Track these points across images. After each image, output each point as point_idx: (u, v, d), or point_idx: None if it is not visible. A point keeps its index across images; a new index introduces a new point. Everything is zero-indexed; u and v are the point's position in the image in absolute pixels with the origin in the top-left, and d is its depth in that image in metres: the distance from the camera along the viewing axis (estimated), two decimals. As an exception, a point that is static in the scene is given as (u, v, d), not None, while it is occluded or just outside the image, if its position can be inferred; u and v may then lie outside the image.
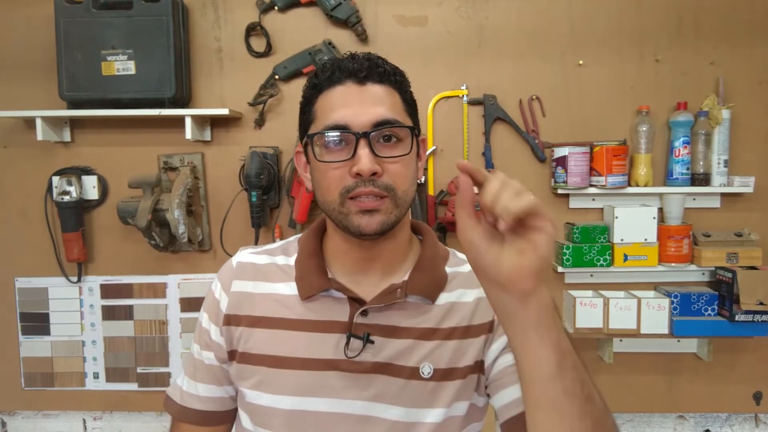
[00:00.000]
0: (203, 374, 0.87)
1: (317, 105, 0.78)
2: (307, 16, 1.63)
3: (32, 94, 1.65)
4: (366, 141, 0.73)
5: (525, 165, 1.65)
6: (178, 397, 0.89)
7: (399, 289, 0.80)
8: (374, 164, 0.72)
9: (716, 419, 1.74)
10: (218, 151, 1.67)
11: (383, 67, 0.78)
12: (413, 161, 0.79)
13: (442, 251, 0.89)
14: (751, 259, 1.56)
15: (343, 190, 0.74)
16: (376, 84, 0.77)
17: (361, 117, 0.74)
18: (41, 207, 1.67)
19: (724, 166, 1.59)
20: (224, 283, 0.86)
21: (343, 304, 0.80)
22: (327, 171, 0.75)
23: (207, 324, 0.86)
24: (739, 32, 1.61)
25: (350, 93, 0.76)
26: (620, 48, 1.62)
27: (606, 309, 1.55)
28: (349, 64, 0.77)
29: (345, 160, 0.74)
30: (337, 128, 0.74)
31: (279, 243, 0.92)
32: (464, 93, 1.64)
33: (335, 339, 0.79)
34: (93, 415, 1.77)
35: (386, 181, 0.74)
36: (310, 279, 0.82)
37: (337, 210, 0.75)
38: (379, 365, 0.79)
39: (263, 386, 0.80)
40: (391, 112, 0.76)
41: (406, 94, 0.81)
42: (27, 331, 1.72)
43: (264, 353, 0.81)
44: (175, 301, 1.70)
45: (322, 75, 0.78)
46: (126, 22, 1.53)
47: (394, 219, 0.75)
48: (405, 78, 0.82)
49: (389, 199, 0.74)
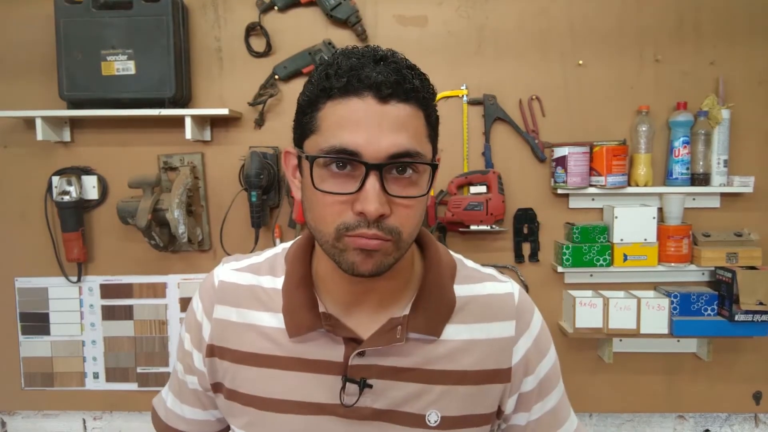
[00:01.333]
0: (188, 397, 0.83)
1: (323, 113, 0.64)
2: (307, 16, 1.63)
3: (32, 94, 1.65)
4: (377, 175, 0.61)
5: (525, 165, 1.65)
6: (162, 413, 0.85)
7: (399, 326, 0.71)
8: (383, 205, 0.61)
9: (716, 419, 1.74)
10: (218, 151, 1.67)
11: (411, 83, 0.63)
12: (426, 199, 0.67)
13: (448, 266, 0.78)
14: (750, 259, 1.56)
15: (341, 227, 0.63)
16: (401, 103, 0.63)
17: (377, 144, 0.61)
18: (41, 207, 1.67)
19: (724, 166, 1.59)
20: (206, 305, 0.79)
21: (337, 341, 0.72)
22: (324, 201, 0.64)
23: (189, 347, 0.81)
24: (739, 32, 1.61)
25: (367, 112, 0.62)
26: (620, 48, 1.62)
27: (606, 309, 1.55)
28: (371, 73, 0.62)
29: (349, 193, 0.62)
30: (345, 154, 0.62)
31: (266, 255, 0.82)
32: (464, 93, 1.64)
33: (330, 381, 0.71)
34: (93, 415, 1.77)
35: (393, 224, 0.63)
36: (299, 315, 0.72)
37: (331, 244, 0.65)
38: (380, 412, 0.71)
39: (254, 428, 0.74)
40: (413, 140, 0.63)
41: (431, 114, 0.68)
42: (27, 331, 1.72)
43: (253, 394, 0.74)
44: (175, 301, 1.70)
45: (336, 80, 0.63)
46: (126, 22, 1.53)
47: (392, 261, 0.65)
48: (434, 92, 0.69)
49: (392, 242, 0.64)
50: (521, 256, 1.66)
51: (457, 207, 1.58)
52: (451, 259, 0.80)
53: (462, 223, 1.59)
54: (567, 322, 1.63)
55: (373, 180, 0.61)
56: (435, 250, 0.78)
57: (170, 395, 0.86)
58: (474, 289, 0.77)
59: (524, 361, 0.76)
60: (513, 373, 0.75)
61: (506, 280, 0.80)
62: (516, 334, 0.76)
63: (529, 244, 1.66)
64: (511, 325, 0.76)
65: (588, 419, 1.74)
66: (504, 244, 1.67)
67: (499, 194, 1.59)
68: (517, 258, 1.67)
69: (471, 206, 1.58)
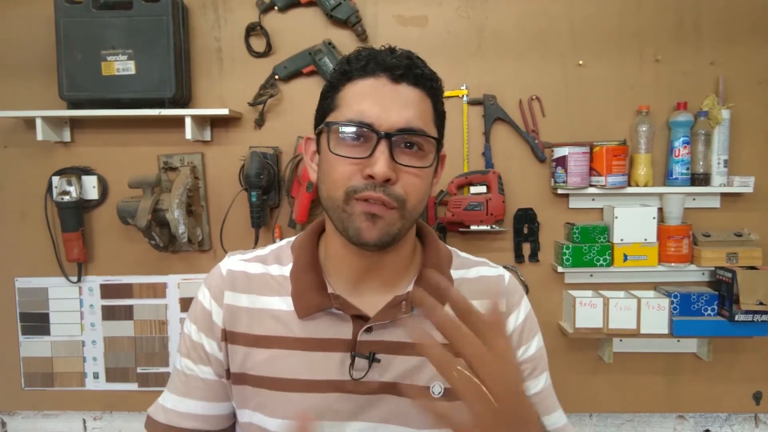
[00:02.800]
0: (196, 390, 0.81)
1: (343, 93, 0.73)
2: (307, 16, 1.63)
3: (32, 94, 1.65)
4: (387, 143, 0.68)
5: (525, 165, 1.65)
6: (161, 416, 0.82)
7: (403, 301, 0.76)
8: (390, 170, 0.68)
9: (716, 419, 1.74)
10: (218, 151, 1.67)
11: (422, 70, 0.72)
12: (431, 175, 0.74)
13: (445, 254, 0.85)
14: (751, 259, 1.56)
15: (350, 189, 0.69)
16: (411, 86, 0.71)
17: (388, 117, 0.69)
18: (41, 207, 1.67)
19: (724, 166, 1.59)
20: (214, 293, 0.80)
21: (345, 320, 0.76)
22: (338, 165, 0.70)
23: (198, 337, 0.81)
24: (739, 32, 1.61)
25: (382, 89, 0.70)
26: (620, 48, 1.62)
27: (606, 309, 1.55)
28: (386, 57, 0.71)
29: (360, 158, 0.69)
30: (360, 123, 0.69)
31: (270, 248, 0.86)
32: (464, 93, 1.64)
33: (338, 358, 0.75)
34: (93, 415, 1.77)
35: (398, 190, 0.69)
36: (308, 296, 0.76)
37: (341, 208, 0.70)
38: (387, 385, 0.75)
39: (265, 409, 0.76)
40: (420, 120, 0.71)
41: (438, 103, 0.76)
42: (27, 331, 1.72)
43: (263, 375, 0.76)
44: (175, 301, 1.70)
45: (356, 63, 0.72)
46: (126, 22, 1.53)
47: (396, 231, 0.70)
48: (441, 86, 0.77)
49: (397, 210, 0.70)
50: (521, 256, 1.66)
51: (457, 207, 1.58)
52: (448, 250, 0.87)
53: (462, 223, 1.60)
54: (567, 322, 1.63)
55: (383, 147, 0.68)
56: (434, 239, 0.85)
57: (170, 397, 0.84)
58: (468, 273, 0.84)
59: (515, 335, 0.82)
60: None
61: (497, 266, 0.87)
62: (507, 309, 0.82)
63: (529, 244, 1.66)
64: (502, 302, 0.82)
65: (588, 419, 1.74)
66: (504, 244, 1.67)
67: (499, 194, 1.59)
68: (517, 258, 1.67)
69: (471, 206, 1.58)
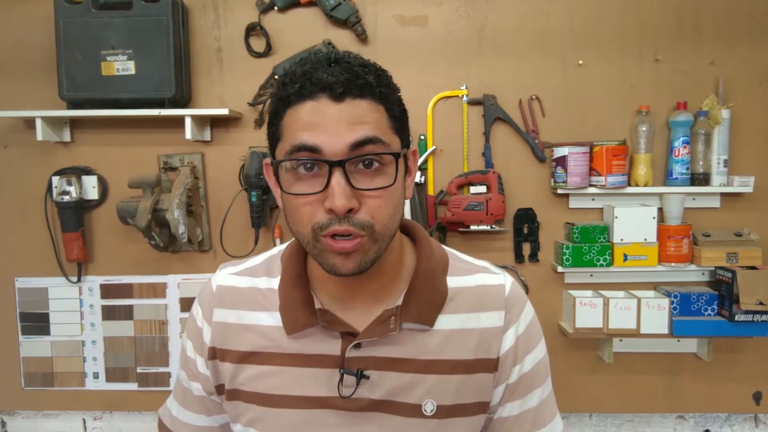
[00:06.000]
0: (192, 403, 0.84)
1: (285, 121, 0.66)
2: (307, 16, 1.63)
3: (32, 94, 1.65)
4: (341, 171, 0.62)
5: (525, 165, 1.65)
6: (168, 421, 0.87)
7: (393, 316, 0.72)
8: (350, 199, 0.62)
9: (716, 419, 1.74)
10: (218, 151, 1.67)
11: (364, 78, 0.64)
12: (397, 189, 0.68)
13: (441, 259, 0.79)
14: (750, 259, 1.56)
15: (315, 226, 0.64)
16: (357, 99, 0.64)
17: (336, 139, 0.62)
18: (41, 207, 1.67)
19: (724, 166, 1.59)
20: (205, 310, 0.81)
21: (334, 336, 0.74)
22: (297, 204, 0.65)
23: (192, 353, 0.82)
24: (739, 32, 1.61)
25: (323, 111, 0.63)
26: (620, 48, 1.62)
27: (606, 309, 1.55)
28: (322, 75, 0.63)
29: (316, 192, 0.64)
30: (305, 149, 0.63)
31: (263, 257, 0.84)
32: (464, 93, 1.64)
33: (327, 375, 0.73)
34: (93, 415, 1.77)
35: (363, 217, 0.64)
36: (295, 313, 0.74)
37: (311, 245, 0.66)
38: (378, 403, 0.73)
39: (257, 425, 0.76)
40: (373, 133, 0.64)
41: (392, 108, 0.68)
42: (27, 331, 1.72)
43: (254, 391, 0.76)
44: (175, 301, 1.70)
45: (291, 86, 0.65)
46: (126, 22, 1.53)
47: (373, 256, 0.67)
48: (392, 87, 0.69)
49: (367, 237, 0.65)
50: (521, 256, 1.66)
51: (457, 207, 1.58)
52: (444, 253, 0.81)
53: (462, 223, 1.60)
54: (567, 322, 1.63)
55: (338, 176, 0.62)
56: (428, 244, 0.79)
57: (175, 404, 0.87)
58: (466, 281, 0.78)
59: (512, 351, 0.77)
60: (500, 363, 0.76)
61: (499, 272, 0.81)
62: (505, 325, 0.77)
63: (529, 244, 1.66)
64: (500, 316, 0.77)
65: (588, 419, 1.74)
66: (504, 244, 1.67)
67: (499, 194, 1.59)
68: (517, 258, 1.67)
69: (471, 206, 1.58)
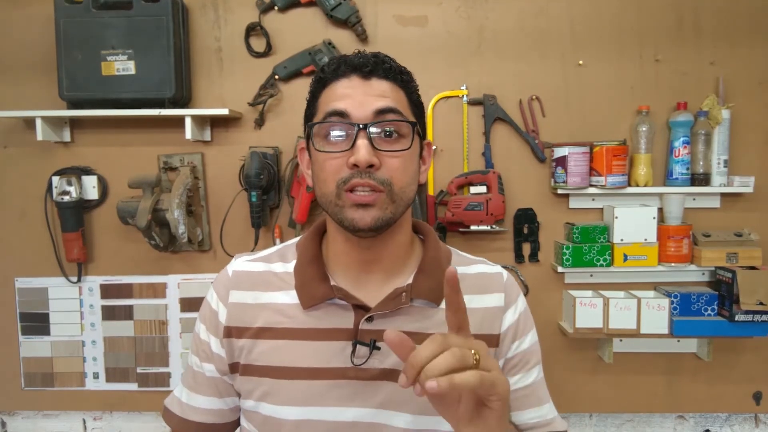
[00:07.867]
0: (204, 386, 0.86)
1: (321, 99, 0.79)
2: (307, 16, 1.63)
3: (32, 94, 1.65)
4: (365, 133, 0.73)
5: (525, 165, 1.65)
6: (177, 409, 0.88)
7: (404, 293, 0.79)
8: (372, 156, 0.72)
9: (716, 419, 1.74)
10: (218, 151, 1.67)
11: (389, 64, 0.78)
12: (414, 158, 0.78)
13: (445, 251, 0.88)
14: (751, 259, 1.56)
15: (339, 182, 0.73)
16: (382, 79, 0.77)
17: (363, 107, 0.74)
18: (41, 207, 1.67)
19: (724, 166, 1.59)
20: (221, 293, 0.85)
21: (347, 310, 0.79)
22: (325, 162, 0.75)
23: (206, 336, 0.85)
24: (739, 32, 1.61)
25: (354, 85, 0.76)
26: (620, 48, 1.62)
27: (606, 309, 1.55)
28: (354, 59, 0.77)
29: (343, 150, 0.74)
30: (336, 114, 0.74)
31: (275, 248, 0.90)
32: (464, 93, 1.64)
33: (341, 347, 0.78)
34: (93, 415, 1.77)
35: (383, 175, 0.73)
36: (311, 288, 0.80)
37: (334, 202, 0.75)
38: (387, 372, 0.78)
39: (269, 397, 0.79)
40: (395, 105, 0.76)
41: (412, 94, 0.81)
42: (27, 331, 1.72)
43: (268, 364, 0.80)
44: (175, 301, 1.70)
45: (328, 69, 0.78)
46: (126, 22, 1.53)
47: (389, 215, 0.74)
48: (412, 79, 0.82)
49: (385, 194, 0.73)
50: (521, 256, 1.66)
51: (457, 207, 1.58)
52: (448, 249, 0.91)
53: (462, 223, 1.60)
54: (567, 322, 1.63)
55: (362, 136, 0.73)
56: (434, 238, 0.88)
57: (185, 391, 0.89)
58: (467, 269, 0.87)
59: (512, 329, 0.85)
60: (501, 339, 0.84)
61: (495, 265, 0.91)
62: (505, 305, 0.86)
63: (529, 244, 1.66)
64: (501, 297, 0.86)
65: (588, 419, 1.74)
66: (504, 244, 1.67)
67: (499, 194, 1.59)
68: (517, 258, 1.67)
69: (471, 206, 1.58)
